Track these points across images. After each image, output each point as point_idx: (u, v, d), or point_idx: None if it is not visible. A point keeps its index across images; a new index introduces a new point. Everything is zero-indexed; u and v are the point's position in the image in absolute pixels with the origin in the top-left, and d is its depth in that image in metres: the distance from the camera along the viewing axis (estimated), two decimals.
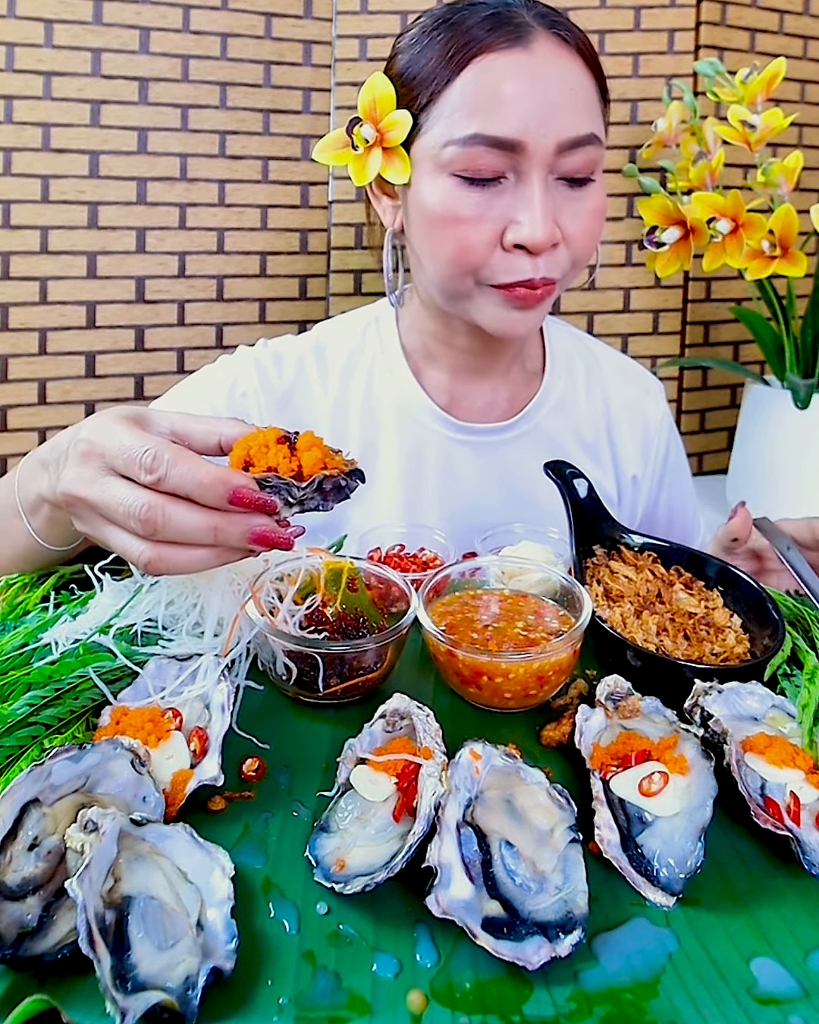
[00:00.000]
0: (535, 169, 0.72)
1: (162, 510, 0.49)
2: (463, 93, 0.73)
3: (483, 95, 0.72)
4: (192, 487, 0.49)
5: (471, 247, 0.74)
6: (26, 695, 0.52)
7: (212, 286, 1.43)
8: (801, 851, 0.43)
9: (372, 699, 0.57)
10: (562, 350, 0.98)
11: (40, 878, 0.39)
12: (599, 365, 0.99)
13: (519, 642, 0.59)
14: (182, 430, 0.55)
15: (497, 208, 0.74)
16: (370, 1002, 0.37)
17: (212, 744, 0.49)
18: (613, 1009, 0.37)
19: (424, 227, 0.78)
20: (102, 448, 0.52)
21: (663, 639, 0.62)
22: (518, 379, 0.94)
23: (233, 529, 0.50)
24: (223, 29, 1.38)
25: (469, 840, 0.43)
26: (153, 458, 0.50)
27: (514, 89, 0.72)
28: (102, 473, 0.52)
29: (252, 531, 0.50)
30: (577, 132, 0.73)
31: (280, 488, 0.51)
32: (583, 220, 0.76)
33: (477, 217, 0.74)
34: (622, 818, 0.46)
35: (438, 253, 0.77)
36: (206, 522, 0.49)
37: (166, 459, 0.49)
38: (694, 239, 1.23)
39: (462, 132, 0.72)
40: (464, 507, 0.91)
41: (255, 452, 0.52)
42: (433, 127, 0.75)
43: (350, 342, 0.93)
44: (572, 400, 0.96)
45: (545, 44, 0.73)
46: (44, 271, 1.33)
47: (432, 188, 0.76)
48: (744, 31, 1.51)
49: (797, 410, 1.27)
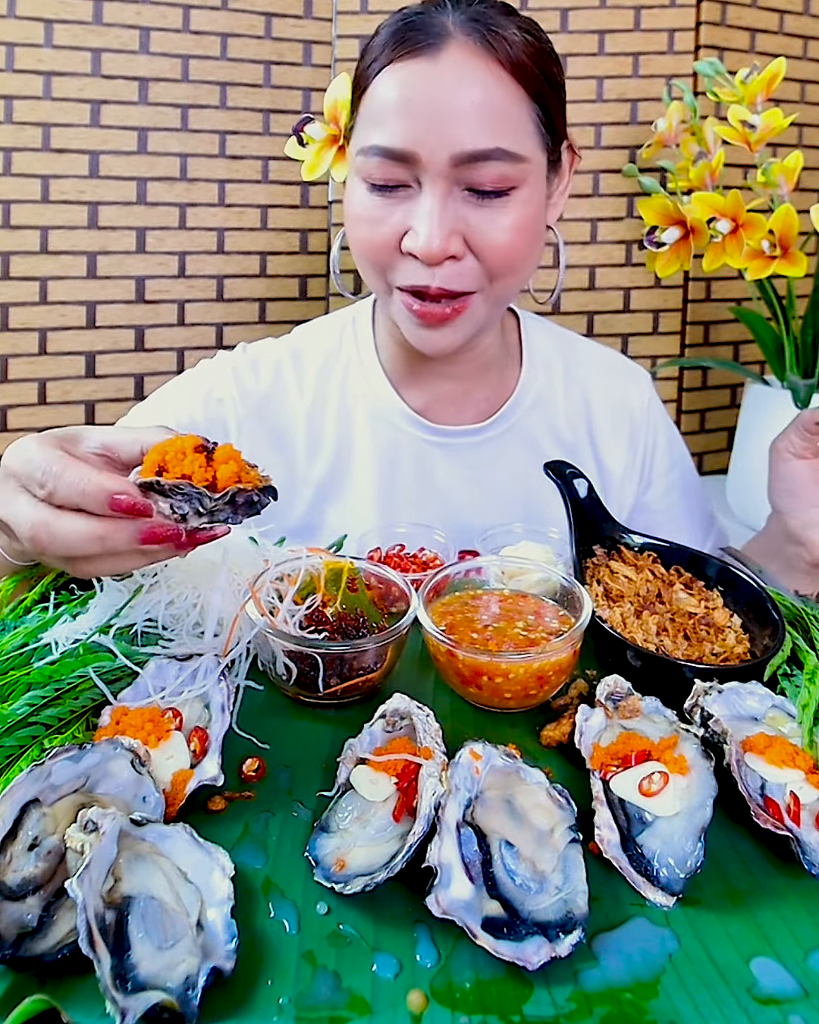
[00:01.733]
0: (430, 180, 0.72)
1: (46, 527, 0.51)
2: (370, 103, 0.75)
3: (383, 106, 0.73)
4: (77, 496, 0.50)
5: (374, 247, 0.76)
6: (26, 695, 0.52)
7: (212, 286, 1.43)
8: (801, 851, 0.43)
9: (372, 699, 0.57)
10: (540, 348, 0.97)
11: (40, 878, 0.39)
12: (579, 361, 0.98)
13: (519, 642, 0.59)
14: (111, 443, 0.56)
15: (397, 214, 0.74)
16: (370, 1002, 0.37)
17: (212, 744, 0.49)
18: (613, 1009, 0.37)
19: (347, 225, 0.81)
20: (12, 468, 0.54)
21: (663, 639, 0.62)
22: (494, 380, 0.94)
23: (119, 536, 0.51)
24: (223, 29, 1.38)
25: (469, 840, 0.43)
26: (42, 472, 0.51)
27: (409, 99, 0.72)
28: (15, 492, 0.53)
29: (140, 532, 0.51)
30: (474, 146, 0.70)
31: (192, 497, 0.51)
32: (494, 234, 0.74)
33: (379, 220, 0.75)
34: (622, 818, 0.46)
35: (354, 250, 0.80)
36: (90, 532, 0.50)
37: (53, 472, 0.51)
38: (694, 239, 1.23)
39: (364, 142, 0.75)
40: (439, 509, 0.91)
41: (170, 458, 0.52)
42: (354, 133, 0.78)
43: (327, 345, 0.93)
44: (550, 398, 0.95)
45: (455, 54, 0.71)
46: (44, 271, 1.33)
47: (351, 189, 0.79)
48: (744, 31, 1.51)
49: (797, 410, 1.27)
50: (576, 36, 1.46)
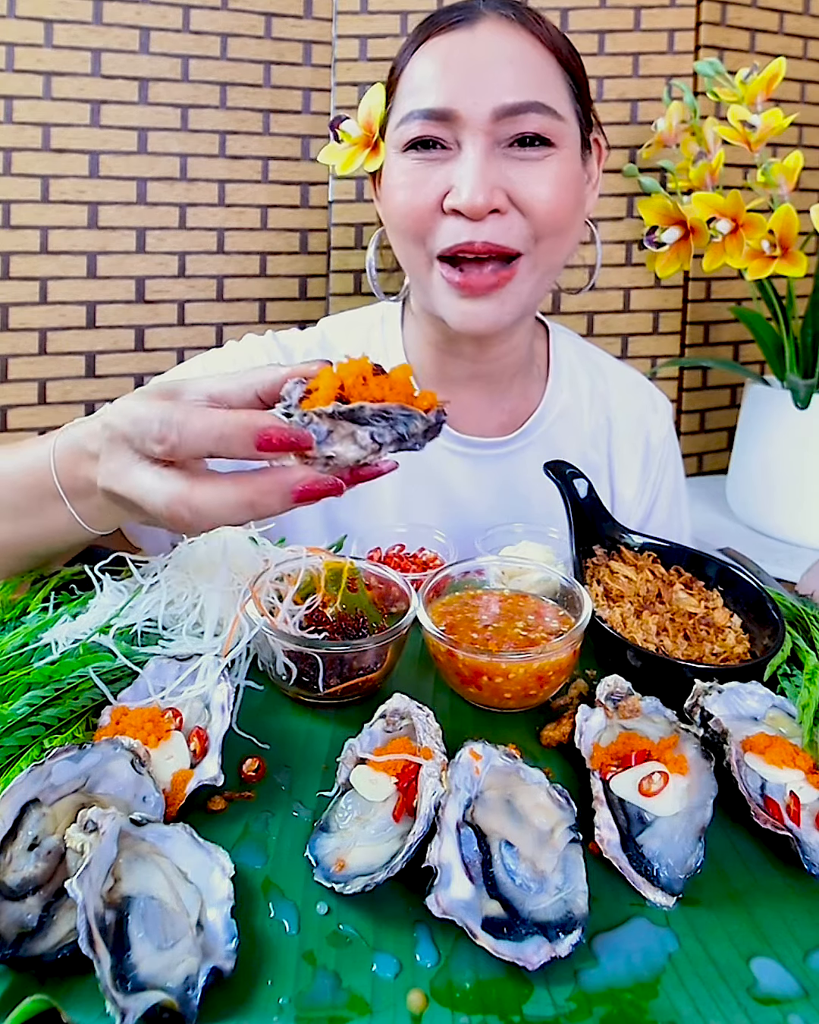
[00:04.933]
0: (472, 136, 0.73)
1: (186, 504, 0.46)
2: (407, 80, 0.77)
3: (424, 75, 0.76)
4: (211, 443, 0.45)
5: (415, 211, 0.76)
6: (26, 695, 0.52)
7: (212, 286, 1.43)
8: (801, 851, 0.43)
9: (372, 699, 0.57)
10: (567, 363, 0.96)
11: (40, 878, 0.39)
12: (605, 379, 0.98)
13: (519, 642, 0.59)
14: (218, 392, 0.50)
15: (439, 174, 0.75)
16: (370, 1002, 0.36)
17: (212, 744, 0.49)
18: (613, 1009, 0.37)
19: (385, 205, 0.81)
20: (122, 431, 0.49)
21: (663, 639, 0.62)
22: (520, 392, 0.93)
23: (270, 499, 0.45)
24: (223, 29, 1.38)
25: (469, 840, 0.43)
26: (160, 424, 0.46)
27: (447, 64, 0.74)
28: (129, 462, 0.49)
29: (293, 493, 0.45)
30: (516, 98, 0.72)
31: (398, 422, 0.45)
32: (538, 187, 0.74)
33: (420, 182, 0.75)
34: (622, 818, 0.46)
35: (393, 224, 0.80)
36: (239, 501, 0.45)
37: (174, 421, 0.45)
38: (694, 239, 1.23)
39: (406, 111, 0.76)
40: (457, 519, 0.91)
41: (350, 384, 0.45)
42: (393, 113, 0.79)
43: (356, 342, 0.92)
44: (575, 415, 0.95)
45: (490, 24, 0.75)
46: (44, 271, 1.33)
47: (391, 168, 0.79)
48: (744, 31, 1.51)
49: (797, 410, 1.27)
50: (576, 36, 1.46)
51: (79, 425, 0.59)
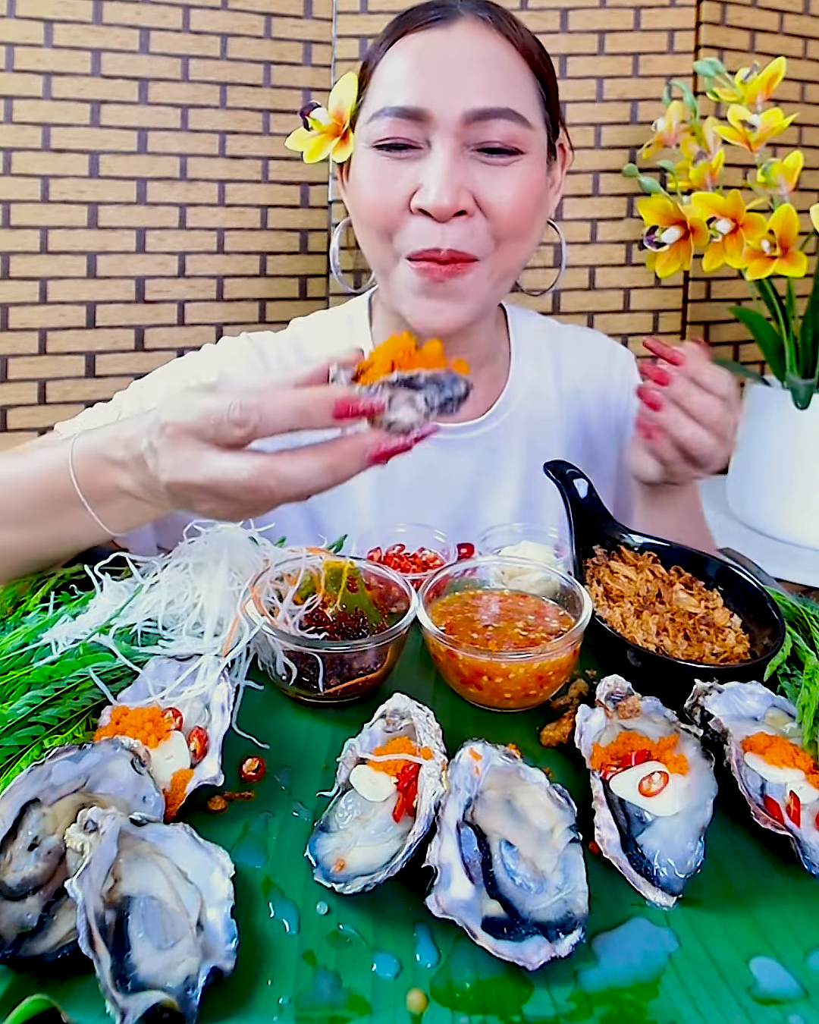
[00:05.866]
0: (442, 137, 0.73)
1: (272, 473, 0.50)
2: (380, 75, 0.77)
3: (394, 72, 0.76)
4: (295, 417, 0.49)
5: (383, 207, 0.76)
6: (26, 695, 0.52)
7: (212, 286, 1.43)
8: (801, 851, 0.43)
9: (372, 699, 0.57)
10: (529, 339, 0.97)
11: (40, 878, 0.39)
12: (567, 350, 0.98)
13: (519, 642, 0.59)
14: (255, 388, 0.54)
15: (407, 173, 0.75)
16: (370, 1002, 0.37)
17: (212, 744, 0.49)
18: (613, 1009, 0.37)
19: (351, 199, 0.81)
20: (187, 424, 0.52)
21: (663, 639, 0.61)
22: (488, 378, 0.94)
23: (351, 463, 0.51)
24: (223, 29, 1.38)
25: (469, 840, 0.43)
26: (239, 409, 0.50)
27: (422, 62, 0.74)
28: (199, 452, 0.52)
29: (370, 455, 0.51)
30: (487, 103, 0.73)
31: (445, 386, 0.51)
32: (503, 191, 0.75)
33: (388, 179, 0.76)
34: (622, 818, 0.46)
35: (360, 218, 0.80)
36: (322, 466, 0.50)
37: (252, 405, 0.49)
38: (694, 239, 1.23)
39: (377, 106, 0.76)
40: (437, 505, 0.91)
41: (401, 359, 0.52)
42: (364, 107, 0.79)
43: (327, 341, 0.93)
44: (542, 389, 0.95)
45: (466, 25, 0.75)
46: (44, 271, 1.33)
47: (358, 162, 0.79)
48: (744, 31, 1.51)
49: (797, 410, 1.27)
50: (576, 36, 1.46)
51: (92, 434, 0.63)
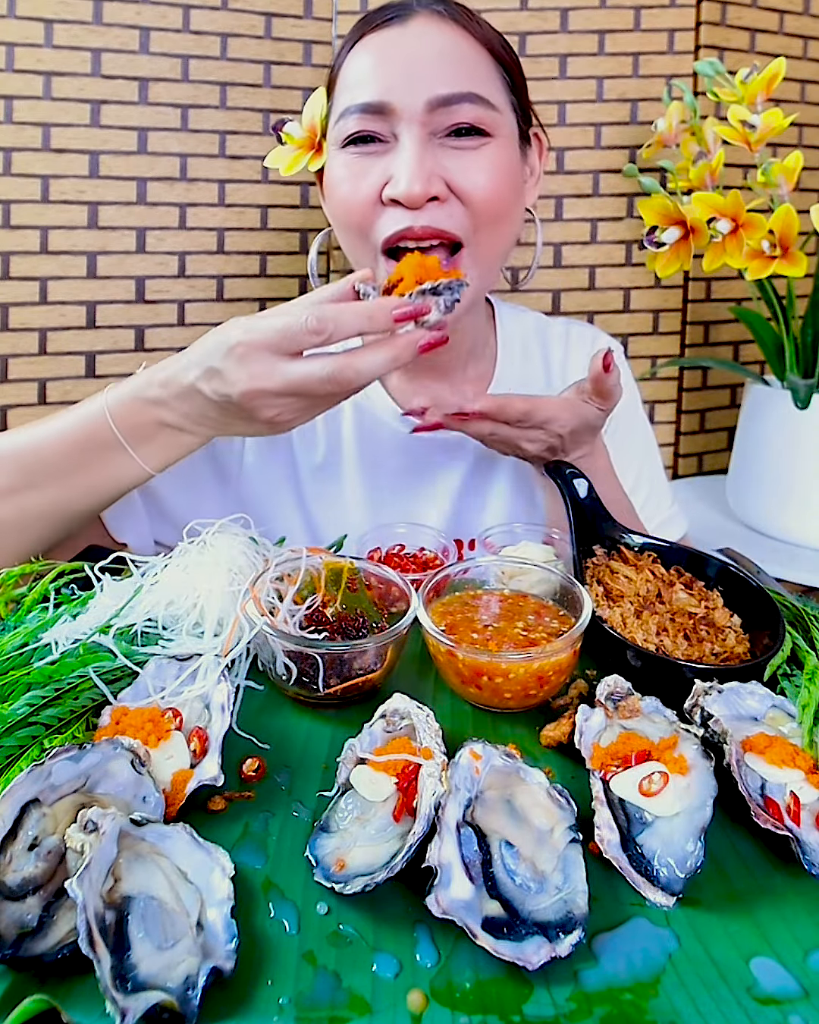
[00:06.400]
0: (407, 127, 0.74)
1: (349, 366, 0.60)
2: (344, 78, 0.79)
3: (359, 70, 0.77)
4: (363, 323, 0.61)
5: (356, 203, 0.77)
6: (26, 695, 0.52)
7: (212, 286, 1.43)
8: (801, 851, 0.43)
9: (372, 699, 0.57)
10: (517, 337, 0.97)
11: (40, 878, 0.39)
12: (554, 343, 0.99)
13: (519, 642, 0.59)
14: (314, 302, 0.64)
15: (378, 167, 0.76)
16: (370, 1002, 0.37)
17: (212, 744, 0.49)
18: (613, 1009, 0.37)
19: (329, 202, 0.82)
20: (261, 341, 0.61)
21: (663, 639, 0.61)
22: (475, 374, 0.94)
23: (407, 351, 0.62)
24: (223, 29, 1.38)
25: (469, 840, 0.43)
26: (317, 320, 0.60)
27: (381, 59, 0.76)
28: (272, 363, 0.61)
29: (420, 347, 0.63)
30: (449, 89, 0.74)
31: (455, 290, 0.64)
32: (476, 175, 0.75)
33: (359, 176, 0.76)
34: (622, 818, 0.46)
35: (336, 219, 0.81)
36: (387, 354, 0.61)
37: (328, 315, 0.60)
38: (694, 239, 1.23)
39: (342, 107, 0.77)
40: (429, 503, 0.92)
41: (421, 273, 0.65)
42: (332, 112, 0.80)
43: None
44: (531, 387, 0.95)
45: (422, 20, 0.77)
46: (44, 271, 1.33)
47: (331, 164, 0.81)
48: (744, 31, 1.51)
49: (797, 410, 1.27)
50: (576, 36, 1.46)
51: (122, 384, 0.70)
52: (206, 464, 0.90)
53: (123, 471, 0.71)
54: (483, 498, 0.94)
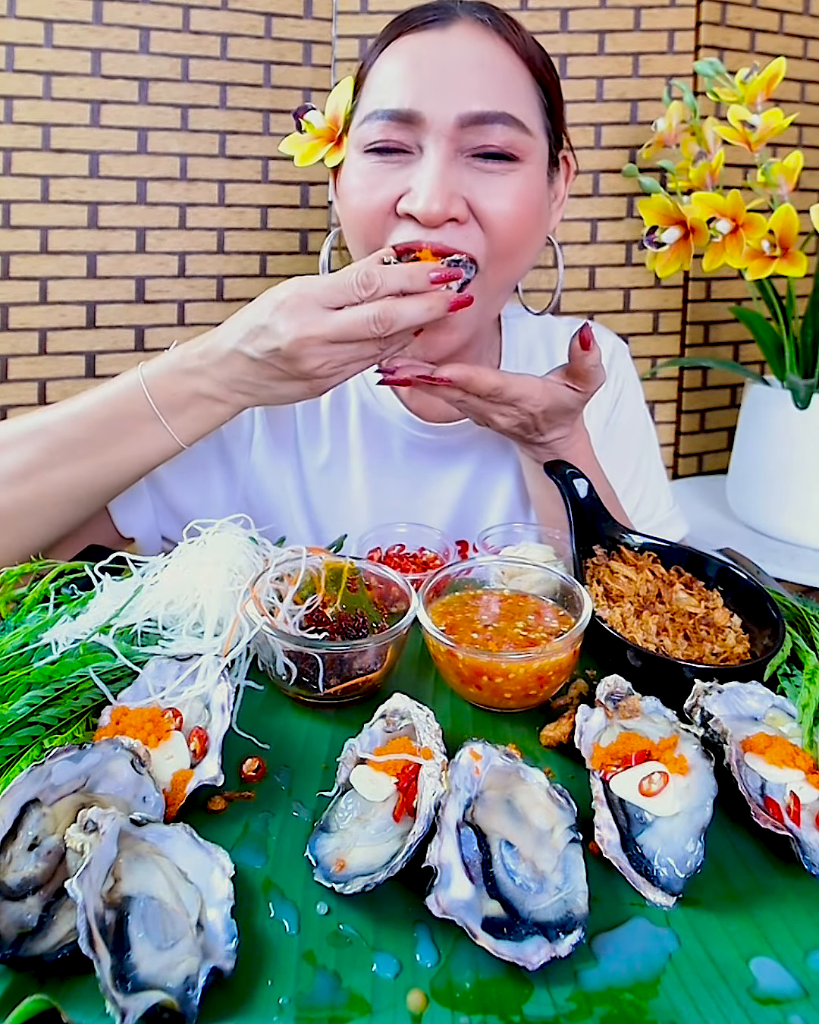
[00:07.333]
0: (434, 140, 0.70)
1: (392, 310, 0.64)
2: (374, 77, 0.75)
3: (388, 74, 0.74)
4: (405, 281, 0.65)
5: (367, 213, 0.74)
6: (26, 695, 0.51)
7: (212, 286, 1.43)
8: (801, 851, 0.43)
9: (372, 699, 0.57)
10: (523, 342, 0.96)
11: (40, 878, 0.39)
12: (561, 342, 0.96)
13: (519, 642, 0.59)
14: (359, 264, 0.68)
15: (396, 177, 0.72)
16: (370, 1002, 0.36)
17: (212, 744, 0.49)
18: (613, 1009, 0.37)
19: (341, 206, 0.80)
20: (311, 296, 0.65)
21: (663, 639, 0.61)
22: None
23: (441, 303, 0.66)
24: (223, 29, 1.38)
25: (469, 840, 0.43)
26: (366, 275, 0.65)
27: (417, 63, 0.72)
28: (321, 313, 0.65)
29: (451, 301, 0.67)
30: (483, 106, 0.70)
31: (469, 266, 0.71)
32: (500, 201, 0.72)
33: (375, 184, 0.73)
34: (622, 818, 0.45)
35: (347, 227, 0.79)
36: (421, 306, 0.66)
37: (376, 272, 0.65)
38: (694, 239, 1.23)
39: (369, 109, 0.74)
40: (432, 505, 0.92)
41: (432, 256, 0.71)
42: (357, 111, 0.77)
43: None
44: None
45: (464, 27, 0.73)
46: (44, 271, 1.33)
47: (348, 169, 0.77)
48: (744, 31, 1.51)
49: (797, 410, 1.27)
50: (576, 36, 1.46)
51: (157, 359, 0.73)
52: (214, 461, 0.89)
53: (153, 443, 0.73)
54: (487, 502, 0.94)
